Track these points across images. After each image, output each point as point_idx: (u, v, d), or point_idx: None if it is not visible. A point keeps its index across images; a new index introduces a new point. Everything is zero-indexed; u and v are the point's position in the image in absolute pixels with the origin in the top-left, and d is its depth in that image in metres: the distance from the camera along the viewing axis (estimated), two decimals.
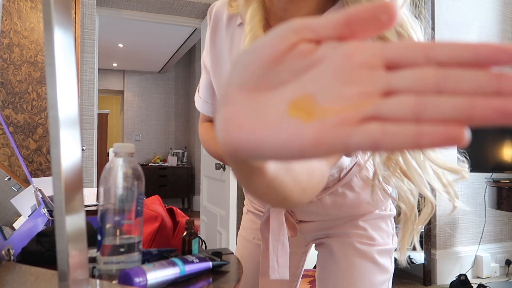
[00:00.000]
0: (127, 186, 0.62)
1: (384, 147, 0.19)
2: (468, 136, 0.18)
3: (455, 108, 0.18)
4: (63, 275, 0.36)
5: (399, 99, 0.19)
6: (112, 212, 0.62)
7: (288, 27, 0.22)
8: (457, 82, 0.18)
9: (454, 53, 0.19)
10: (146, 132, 6.74)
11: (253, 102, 0.23)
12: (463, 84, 0.18)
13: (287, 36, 0.22)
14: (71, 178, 0.35)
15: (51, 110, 0.34)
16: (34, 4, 1.79)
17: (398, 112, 0.19)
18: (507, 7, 3.14)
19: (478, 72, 0.18)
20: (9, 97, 1.62)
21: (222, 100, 0.24)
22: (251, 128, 0.22)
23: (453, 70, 0.19)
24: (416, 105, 0.19)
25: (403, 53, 0.20)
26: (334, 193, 0.76)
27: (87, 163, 2.65)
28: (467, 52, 0.19)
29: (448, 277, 2.80)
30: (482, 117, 0.18)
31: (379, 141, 0.19)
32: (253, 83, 0.23)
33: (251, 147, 0.22)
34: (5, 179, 0.89)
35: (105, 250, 0.61)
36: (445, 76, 0.19)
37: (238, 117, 0.23)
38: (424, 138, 0.18)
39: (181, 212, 1.03)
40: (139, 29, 4.72)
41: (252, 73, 0.23)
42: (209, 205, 3.08)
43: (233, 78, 0.24)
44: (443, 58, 0.19)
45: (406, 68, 0.20)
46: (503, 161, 2.60)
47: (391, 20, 0.20)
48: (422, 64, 0.19)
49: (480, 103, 0.18)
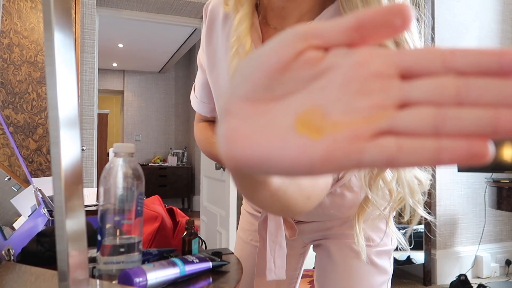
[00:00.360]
0: (127, 186, 0.62)
1: (400, 163, 0.18)
2: (492, 152, 0.16)
3: (478, 121, 0.16)
4: (63, 275, 0.36)
5: (417, 111, 0.18)
6: (112, 212, 0.62)
7: (293, 33, 0.21)
8: (480, 93, 0.17)
9: (476, 61, 0.17)
10: (146, 132, 6.74)
11: (258, 114, 0.21)
12: (487, 95, 0.17)
13: (292, 43, 0.20)
14: (71, 178, 0.35)
15: (51, 110, 0.34)
16: (34, 4, 1.79)
17: (416, 125, 0.17)
18: (507, 7, 3.14)
19: (502, 82, 0.17)
20: (9, 97, 1.62)
21: (224, 112, 0.23)
22: (256, 143, 0.21)
23: (475, 79, 0.17)
24: (435, 118, 0.17)
25: (420, 61, 0.18)
26: (333, 194, 0.75)
27: (87, 163, 2.65)
28: (490, 59, 0.17)
29: (448, 277, 2.80)
30: (508, 131, 0.16)
31: (395, 157, 0.17)
32: (257, 94, 0.22)
33: (256, 163, 0.21)
34: (5, 179, 0.89)
35: (105, 250, 0.61)
36: (466, 86, 0.17)
37: (242, 131, 0.21)
38: (445, 154, 0.17)
39: (181, 212, 1.03)
40: (139, 29, 4.72)
41: (255, 83, 0.21)
42: (209, 205, 3.08)
43: (235, 89, 0.22)
44: (464, 66, 0.17)
45: (423, 77, 0.18)
46: (503, 161, 2.60)
47: (406, 24, 0.18)
48: (441, 72, 0.18)
49: (506, 115, 0.16)
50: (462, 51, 0.18)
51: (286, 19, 0.64)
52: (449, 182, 2.88)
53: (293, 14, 0.64)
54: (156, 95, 6.81)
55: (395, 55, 0.19)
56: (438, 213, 2.83)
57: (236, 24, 0.62)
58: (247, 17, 0.62)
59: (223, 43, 0.70)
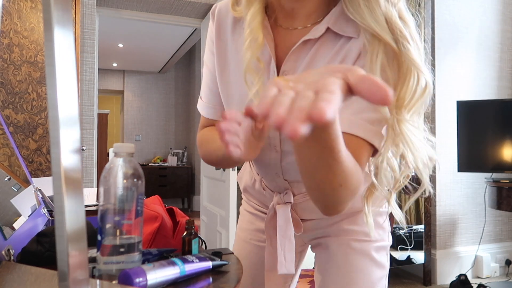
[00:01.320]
0: (127, 186, 0.62)
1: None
2: (304, 129, 0.30)
3: (303, 108, 0.31)
4: (63, 275, 0.36)
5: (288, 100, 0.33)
6: (112, 212, 0.62)
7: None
8: (308, 97, 0.32)
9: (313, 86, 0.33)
10: (146, 132, 6.74)
11: None
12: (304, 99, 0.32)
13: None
14: (71, 178, 0.35)
15: (51, 110, 0.35)
16: (34, 4, 1.79)
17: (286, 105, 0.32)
18: (507, 7, 3.14)
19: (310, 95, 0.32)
20: (9, 97, 1.62)
21: None
22: None
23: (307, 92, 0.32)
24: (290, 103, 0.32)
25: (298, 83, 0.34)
26: None
27: (87, 163, 2.65)
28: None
29: (448, 277, 2.80)
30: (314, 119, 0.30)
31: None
32: None
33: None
34: (5, 179, 0.89)
35: (105, 250, 0.61)
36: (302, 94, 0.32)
37: None
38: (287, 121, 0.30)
39: (181, 212, 1.03)
40: (139, 29, 4.72)
41: None
42: (209, 205, 3.08)
43: None
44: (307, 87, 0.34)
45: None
46: (503, 161, 2.60)
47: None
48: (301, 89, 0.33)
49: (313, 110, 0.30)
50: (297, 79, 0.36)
51: (295, 18, 0.68)
52: (449, 182, 2.88)
53: (301, 14, 0.67)
54: (156, 95, 6.81)
55: (299, 80, 0.35)
56: (438, 213, 2.83)
57: (249, 19, 0.65)
58: (258, 13, 0.66)
59: (233, 46, 0.73)
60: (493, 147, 2.64)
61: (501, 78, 3.10)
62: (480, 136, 2.66)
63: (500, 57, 3.10)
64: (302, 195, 0.79)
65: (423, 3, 2.79)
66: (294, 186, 0.79)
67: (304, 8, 0.66)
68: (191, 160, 6.46)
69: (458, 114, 2.69)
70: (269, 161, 0.75)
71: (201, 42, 3.26)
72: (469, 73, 2.99)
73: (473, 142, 2.67)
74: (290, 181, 0.78)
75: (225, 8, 0.74)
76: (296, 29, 0.68)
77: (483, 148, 2.67)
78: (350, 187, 0.54)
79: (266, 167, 0.79)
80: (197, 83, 5.82)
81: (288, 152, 0.73)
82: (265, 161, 0.76)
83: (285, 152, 0.73)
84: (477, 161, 2.68)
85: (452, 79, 2.92)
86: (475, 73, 3.01)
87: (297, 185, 0.79)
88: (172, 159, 6.33)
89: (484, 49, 3.05)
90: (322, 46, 0.66)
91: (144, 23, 3.90)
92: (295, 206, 0.81)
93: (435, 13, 2.86)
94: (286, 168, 0.76)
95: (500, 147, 2.62)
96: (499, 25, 3.11)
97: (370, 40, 0.59)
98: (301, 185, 0.79)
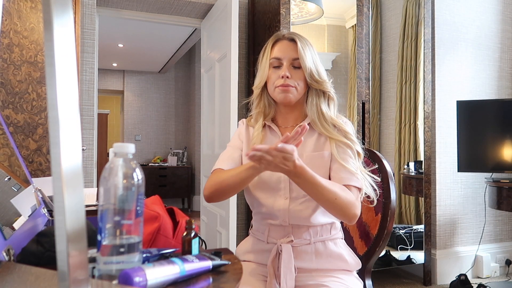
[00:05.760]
0: (127, 186, 0.62)
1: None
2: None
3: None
4: (63, 275, 0.36)
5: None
6: (112, 212, 0.62)
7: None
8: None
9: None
10: (146, 132, 6.74)
11: None
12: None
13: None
14: (71, 178, 0.35)
15: (51, 110, 0.35)
16: (34, 4, 1.79)
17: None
18: (507, 7, 3.14)
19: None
20: (9, 97, 1.62)
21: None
22: None
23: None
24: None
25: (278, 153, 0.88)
26: (325, 243, 1.10)
27: (87, 163, 2.65)
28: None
29: (448, 277, 2.80)
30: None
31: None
32: None
33: None
34: (5, 179, 0.89)
35: (105, 250, 0.61)
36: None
37: None
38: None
39: (181, 212, 1.03)
40: (139, 29, 4.72)
41: None
42: (209, 205, 3.07)
43: None
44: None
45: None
46: (503, 161, 2.60)
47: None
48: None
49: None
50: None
51: (288, 121, 1.19)
52: (449, 182, 2.88)
53: (291, 119, 1.18)
54: (156, 95, 6.81)
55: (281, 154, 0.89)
56: (438, 213, 2.83)
57: (255, 129, 1.18)
58: (259, 127, 1.17)
59: (248, 136, 1.22)
60: (493, 147, 2.64)
61: (501, 78, 3.10)
62: (480, 136, 2.66)
63: (500, 57, 3.10)
64: (300, 240, 1.09)
65: (423, 3, 2.79)
66: (295, 232, 1.09)
67: (292, 116, 1.18)
68: (191, 160, 6.46)
69: (458, 114, 2.69)
70: (279, 207, 1.08)
71: (201, 42, 3.26)
72: (469, 73, 2.99)
73: (473, 142, 2.67)
74: (293, 225, 1.09)
75: (247, 123, 1.24)
76: (289, 126, 1.20)
77: (483, 148, 2.67)
78: (343, 198, 0.99)
79: (276, 214, 1.09)
80: (197, 83, 5.82)
81: (294, 198, 1.07)
82: (276, 207, 1.08)
83: (292, 199, 1.07)
84: (477, 161, 2.68)
85: (452, 79, 2.92)
86: (475, 73, 3.01)
87: (298, 230, 1.09)
88: (172, 159, 6.33)
89: (484, 49, 3.05)
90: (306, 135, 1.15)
91: (144, 23, 3.90)
92: (294, 249, 1.07)
93: (435, 13, 2.86)
94: (292, 212, 1.07)
95: (500, 147, 2.62)
96: (499, 25, 3.11)
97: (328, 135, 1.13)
98: (301, 230, 1.09)
